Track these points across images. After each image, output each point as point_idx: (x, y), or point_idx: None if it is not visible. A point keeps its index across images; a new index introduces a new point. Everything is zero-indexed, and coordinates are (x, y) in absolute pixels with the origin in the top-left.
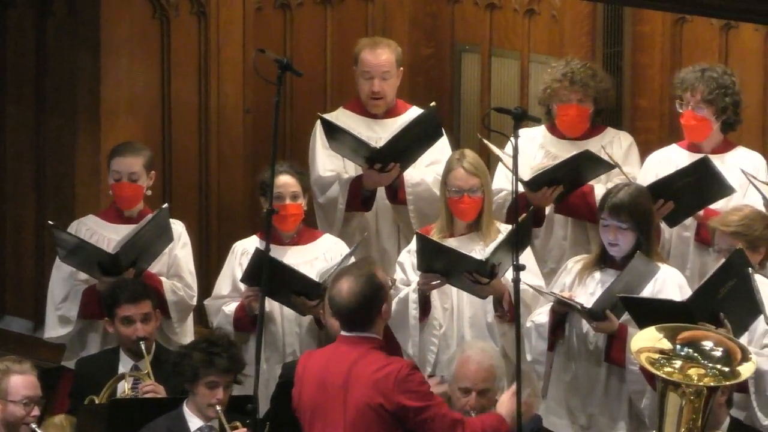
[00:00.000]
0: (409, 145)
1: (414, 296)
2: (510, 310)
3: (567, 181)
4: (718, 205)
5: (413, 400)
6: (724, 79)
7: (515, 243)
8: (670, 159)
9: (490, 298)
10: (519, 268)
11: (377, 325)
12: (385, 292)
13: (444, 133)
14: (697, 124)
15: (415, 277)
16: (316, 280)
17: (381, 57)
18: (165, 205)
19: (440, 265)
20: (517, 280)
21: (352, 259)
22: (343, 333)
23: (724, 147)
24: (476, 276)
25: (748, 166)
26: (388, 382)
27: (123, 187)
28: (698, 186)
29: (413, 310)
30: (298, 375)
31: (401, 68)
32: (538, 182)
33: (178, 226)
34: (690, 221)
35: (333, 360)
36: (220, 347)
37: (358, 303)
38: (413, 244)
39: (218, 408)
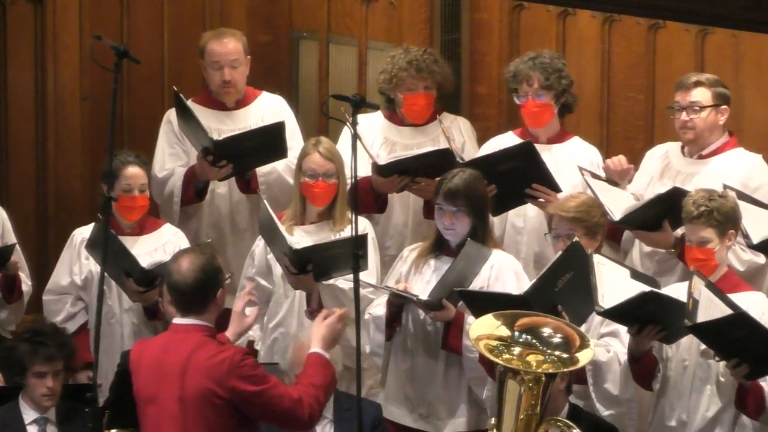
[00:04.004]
0: (249, 151)
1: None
2: (319, 309)
3: (417, 173)
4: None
5: (249, 384)
6: (555, 63)
7: (354, 240)
8: (505, 146)
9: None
10: (358, 256)
11: (211, 312)
12: (223, 278)
13: (296, 122)
14: (540, 111)
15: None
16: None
17: (228, 45)
18: None
19: (268, 237)
20: (356, 269)
21: None
22: (176, 321)
23: (561, 136)
24: (287, 263)
25: (584, 158)
26: (222, 368)
27: None
28: (523, 175)
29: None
30: (133, 364)
31: (248, 56)
32: (392, 169)
33: (2, 213)
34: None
35: (169, 348)
36: (45, 335)
37: (197, 280)
38: None
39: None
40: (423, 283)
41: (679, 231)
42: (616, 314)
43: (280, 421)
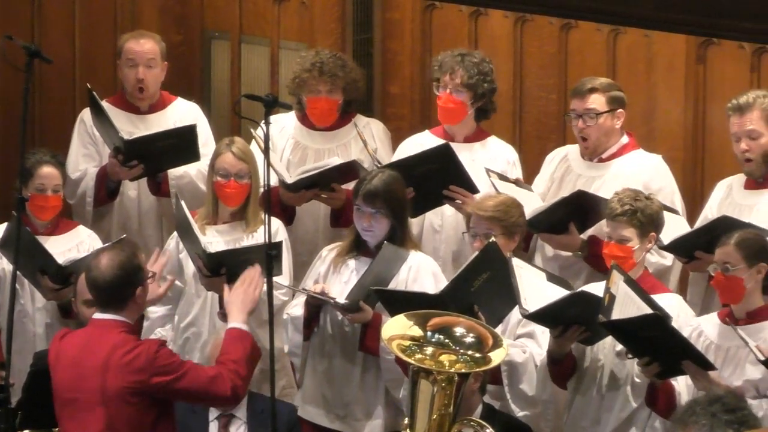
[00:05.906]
0: (160, 152)
1: None
2: None
3: (325, 185)
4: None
5: (166, 375)
6: (483, 66)
7: (268, 243)
8: (422, 146)
9: None
10: (271, 256)
11: (131, 309)
12: (144, 276)
13: (209, 130)
14: (454, 108)
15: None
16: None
17: (145, 45)
18: None
19: (183, 237)
20: (270, 268)
21: None
22: (96, 316)
23: (477, 135)
24: (200, 265)
25: (501, 157)
26: (139, 362)
27: None
28: (440, 177)
29: None
30: (52, 360)
31: (165, 63)
32: (299, 186)
33: None
34: None
35: (89, 345)
36: None
37: (115, 277)
38: None
39: None
40: (341, 284)
41: (586, 234)
42: (542, 316)
43: (203, 400)
